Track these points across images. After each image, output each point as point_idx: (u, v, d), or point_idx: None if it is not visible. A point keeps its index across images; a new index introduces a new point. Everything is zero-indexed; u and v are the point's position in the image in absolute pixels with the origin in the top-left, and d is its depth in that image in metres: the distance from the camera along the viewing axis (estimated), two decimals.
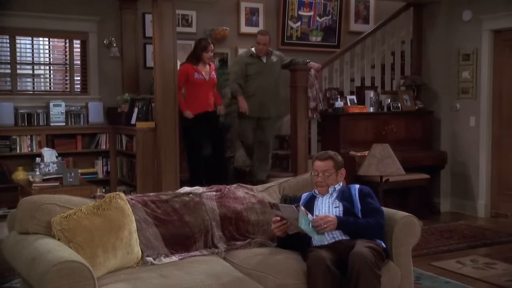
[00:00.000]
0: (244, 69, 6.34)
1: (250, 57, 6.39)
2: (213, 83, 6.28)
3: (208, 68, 6.20)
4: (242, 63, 6.39)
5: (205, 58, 6.07)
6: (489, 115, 6.81)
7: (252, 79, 6.33)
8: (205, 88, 6.14)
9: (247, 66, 6.34)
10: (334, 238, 3.29)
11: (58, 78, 7.01)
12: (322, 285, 2.96)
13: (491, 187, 6.85)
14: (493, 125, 6.81)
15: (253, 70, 6.34)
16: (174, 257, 3.28)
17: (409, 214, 3.49)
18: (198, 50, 6.10)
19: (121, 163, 6.60)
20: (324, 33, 7.92)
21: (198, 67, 6.08)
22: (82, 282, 2.53)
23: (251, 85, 6.34)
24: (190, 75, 6.06)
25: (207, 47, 6.08)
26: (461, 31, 6.98)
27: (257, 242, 3.56)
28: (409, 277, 3.44)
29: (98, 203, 3.08)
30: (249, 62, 6.36)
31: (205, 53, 6.04)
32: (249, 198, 3.73)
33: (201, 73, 6.10)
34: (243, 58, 6.46)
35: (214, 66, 6.41)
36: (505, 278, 4.52)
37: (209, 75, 6.20)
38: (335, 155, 3.54)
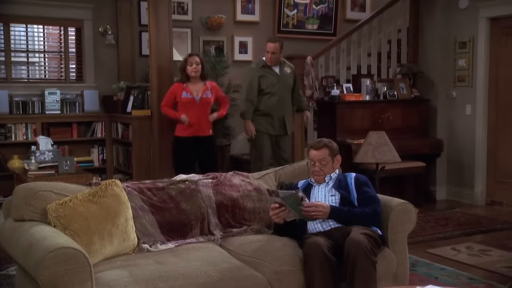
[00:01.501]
0: (257, 83, 5.64)
1: (263, 69, 5.70)
2: (207, 103, 5.49)
3: (201, 87, 5.48)
4: (255, 75, 5.66)
5: (189, 72, 5.39)
6: (485, 103, 6.81)
7: (267, 93, 5.66)
8: (195, 109, 5.41)
9: (260, 78, 5.64)
10: (330, 225, 3.30)
11: (53, 66, 6.99)
12: (319, 271, 2.97)
13: (487, 175, 6.87)
14: (489, 113, 6.82)
15: (268, 83, 5.66)
16: (170, 244, 3.29)
17: (405, 201, 3.50)
18: (182, 66, 5.48)
19: (117, 151, 6.59)
20: (320, 21, 7.90)
21: (188, 85, 5.44)
22: (78, 268, 2.53)
23: (267, 100, 5.67)
24: (178, 94, 5.44)
25: (187, 60, 5.43)
26: (458, 19, 6.97)
27: (253, 229, 3.56)
28: (404, 264, 3.46)
29: (94, 190, 3.08)
30: (262, 73, 5.67)
31: (189, 66, 5.38)
32: (245, 186, 3.73)
33: (189, 92, 5.41)
34: (254, 70, 5.74)
35: (212, 85, 5.62)
36: (500, 264, 4.55)
37: (202, 94, 5.44)
38: (329, 143, 3.54)
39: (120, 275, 2.74)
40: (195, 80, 5.45)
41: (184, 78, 5.44)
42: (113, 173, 6.59)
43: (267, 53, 5.69)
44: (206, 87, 5.50)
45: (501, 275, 4.26)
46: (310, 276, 2.99)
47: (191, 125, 5.40)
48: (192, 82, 5.44)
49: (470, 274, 4.31)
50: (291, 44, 7.31)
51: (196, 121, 5.42)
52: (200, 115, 5.45)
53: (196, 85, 5.47)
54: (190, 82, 5.45)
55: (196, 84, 5.47)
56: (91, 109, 6.66)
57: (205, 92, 5.46)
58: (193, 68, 5.38)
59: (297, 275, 3.04)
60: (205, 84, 5.52)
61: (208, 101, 5.49)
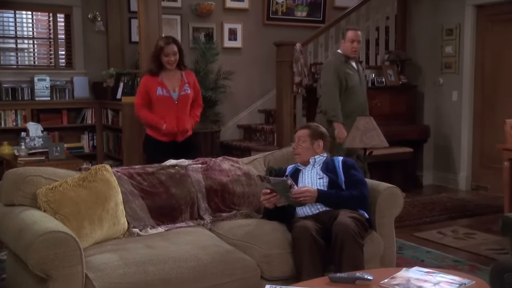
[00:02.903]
0: (345, 80, 5.04)
1: (345, 64, 5.11)
2: (186, 100, 4.54)
3: (178, 80, 4.51)
4: (341, 72, 5.04)
5: (164, 63, 4.42)
6: (471, 89, 6.84)
7: (352, 93, 5.12)
8: (173, 109, 4.47)
9: (346, 75, 5.06)
10: (318, 209, 3.31)
11: (42, 53, 6.92)
12: (308, 254, 2.98)
13: (472, 161, 6.92)
14: (475, 100, 6.85)
15: (353, 81, 5.10)
16: (160, 228, 3.28)
17: (392, 186, 3.52)
18: (154, 52, 4.48)
19: (107, 137, 6.57)
20: (309, 8, 7.86)
21: (162, 79, 4.47)
22: (68, 252, 2.52)
23: (349, 99, 5.11)
24: (151, 90, 4.44)
25: (163, 48, 4.39)
26: (445, 6, 6.97)
27: (242, 213, 3.57)
28: (391, 247, 3.48)
29: (84, 175, 3.06)
30: (347, 70, 5.09)
31: (164, 57, 4.40)
32: (235, 171, 3.72)
33: (165, 88, 4.44)
34: (339, 65, 5.07)
35: (191, 77, 4.64)
36: (484, 247, 4.60)
37: (180, 90, 4.49)
38: (315, 126, 3.57)
39: (110, 259, 2.73)
40: (171, 71, 4.50)
41: (157, 68, 4.46)
42: (103, 159, 6.57)
43: (350, 43, 5.09)
44: (183, 80, 4.54)
45: (485, 257, 4.31)
46: (299, 259, 3.00)
47: (169, 133, 4.52)
48: (166, 73, 4.48)
49: (455, 257, 4.36)
50: (281, 31, 7.30)
51: (175, 125, 4.49)
52: (179, 117, 4.52)
53: (172, 77, 4.51)
54: (164, 73, 4.48)
55: (172, 77, 4.51)
56: (81, 96, 6.62)
57: (183, 87, 4.52)
58: (169, 60, 4.42)
59: (286, 258, 3.05)
60: (181, 76, 4.56)
61: (187, 97, 4.56)
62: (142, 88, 4.54)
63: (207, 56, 6.72)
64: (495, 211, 5.53)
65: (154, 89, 4.45)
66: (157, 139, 4.55)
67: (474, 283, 2.49)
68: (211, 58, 6.75)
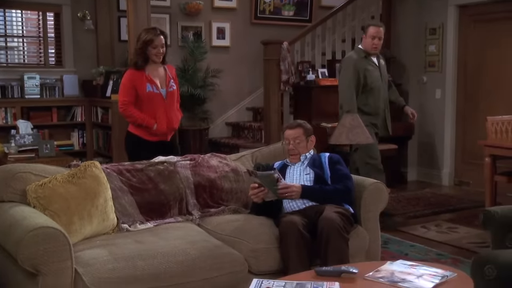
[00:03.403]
0: (363, 76, 4.89)
1: (365, 60, 4.94)
2: (173, 97, 4.27)
3: (163, 75, 4.23)
4: (360, 68, 4.87)
5: (152, 56, 4.12)
6: (454, 87, 6.88)
7: (372, 88, 4.94)
8: (162, 107, 4.19)
9: (366, 72, 4.89)
10: (304, 204, 3.32)
11: (32, 51, 6.86)
12: (295, 248, 2.99)
13: (455, 157, 6.97)
14: (458, 97, 6.89)
15: (372, 77, 4.93)
16: (149, 224, 3.27)
17: (377, 181, 3.54)
18: (140, 44, 4.13)
19: (97, 135, 6.54)
20: (296, 8, 7.86)
21: (149, 74, 4.15)
22: (57, 247, 2.50)
23: (370, 96, 4.94)
24: (139, 86, 4.11)
25: (153, 40, 4.10)
26: (429, 6, 7.00)
27: (230, 209, 3.57)
28: (376, 241, 3.49)
29: (73, 172, 3.04)
30: (366, 66, 4.92)
31: (152, 48, 4.11)
32: (223, 167, 3.72)
33: (154, 84, 4.14)
34: (358, 61, 4.90)
35: (173, 71, 4.39)
36: (466, 240, 4.64)
37: (167, 86, 4.22)
38: (304, 123, 3.56)
39: (99, 254, 2.72)
40: (156, 66, 4.20)
41: (141, 61, 4.14)
42: (93, 156, 6.53)
43: (371, 39, 4.90)
44: (168, 75, 4.25)
45: (467, 250, 4.35)
46: (286, 253, 3.01)
47: (159, 133, 4.22)
48: (152, 67, 4.18)
49: (438, 250, 4.39)
50: (268, 30, 7.29)
51: (165, 124, 4.21)
52: (169, 115, 4.24)
53: (158, 72, 4.22)
54: (150, 68, 4.18)
55: (157, 72, 4.21)
56: (70, 94, 6.58)
57: (169, 83, 4.25)
58: (157, 52, 4.13)
59: (273, 253, 3.05)
60: (165, 71, 4.26)
61: (174, 94, 4.29)
62: (129, 84, 4.13)
63: (196, 54, 6.71)
64: (477, 206, 5.58)
65: (143, 85, 4.11)
66: (143, 138, 4.21)
67: (456, 275, 2.52)
68: (200, 56, 6.73)
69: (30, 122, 5.79)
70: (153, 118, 4.16)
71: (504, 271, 2.75)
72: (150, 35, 4.11)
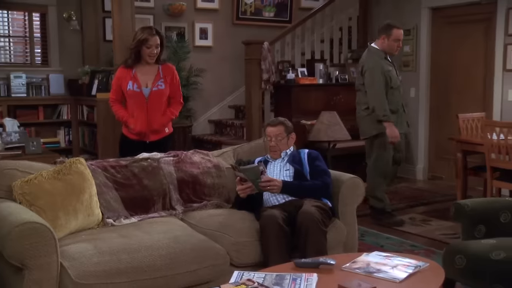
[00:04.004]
0: (389, 78, 4.76)
1: (386, 61, 4.84)
2: (159, 96, 4.01)
3: (153, 74, 4.02)
4: (385, 69, 4.75)
5: (145, 56, 3.94)
6: (427, 86, 6.94)
7: (394, 88, 4.83)
8: (142, 107, 3.98)
9: (389, 73, 4.78)
10: (284, 198, 3.33)
11: (18, 51, 6.78)
12: (275, 241, 3.00)
13: (428, 153, 7.04)
14: (431, 96, 6.96)
15: (393, 77, 4.82)
16: (133, 219, 3.25)
17: (355, 176, 3.55)
18: (135, 44, 3.96)
19: (83, 132, 6.49)
20: (276, 9, 7.87)
21: (136, 72, 3.98)
22: (43, 242, 2.48)
23: (393, 96, 4.82)
24: (123, 84, 3.99)
25: (148, 40, 3.90)
26: (403, 8, 7.06)
27: (213, 203, 3.56)
28: (354, 234, 3.51)
29: (59, 168, 3.01)
30: (388, 68, 4.80)
31: (146, 48, 3.92)
32: (205, 163, 3.71)
33: (137, 83, 3.95)
34: (382, 63, 4.78)
35: (168, 70, 4.11)
36: (438, 232, 4.69)
37: (152, 86, 3.99)
38: (285, 121, 3.57)
39: (85, 248, 2.70)
40: (148, 64, 4.03)
41: (133, 61, 3.99)
42: (79, 153, 6.47)
43: (395, 41, 4.80)
44: (159, 74, 4.02)
45: (440, 241, 4.40)
46: (266, 246, 3.02)
47: (136, 132, 4.05)
48: (143, 66, 4.02)
49: (412, 242, 4.44)
50: (249, 30, 7.29)
51: (144, 124, 4.01)
52: (149, 115, 4.00)
53: (148, 71, 4.02)
54: (140, 66, 4.01)
55: (147, 70, 4.02)
56: (56, 92, 6.53)
57: (157, 82, 4.00)
58: (151, 52, 3.95)
59: (254, 246, 3.06)
60: (158, 70, 4.04)
61: (160, 94, 4.01)
62: (115, 82, 4.08)
63: (179, 54, 6.68)
64: (449, 199, 5.64)
65: (126, 83, 3.98)
66: (129, 138, 4.11)
67: (428, 265, 2.54)
68: (183, 56, 6.71)
69: (16, 120, 5.71)
70: (133, 116, 4.04)
71: (473, 260, 2.79)
72: (145, 34, 3.93)
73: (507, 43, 6.00)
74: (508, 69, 6.02)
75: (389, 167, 4.95)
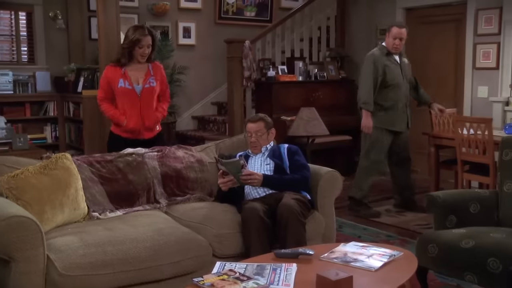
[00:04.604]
0: (382, 73, 4.77)
1: (387, 57, 4.83)
2: (150, 93, 3.90)
3: (143, 72, 3.89)
4: (380, 64, 4.77)
5: (137, 56, 3.82)
6: None
7: (392, 85, 4.82)
8: (135, 104, 3.85)
9: (385, 68, 4.79)
10: (265, 191, 3.33)
11: (5, 49, 6.67)
12: (256, 233, 3.00)
13: None
14: None
15: (392, 73, 4.81)
16: (118, 212, 3.23)
17: (333, 170, 3.56)
18: (127, 43, 3.81)
19: (69, 128, 6.43)
20: (257, 9, 7.86)
21: (127, 70, 3.85)
22: (30, 235, 2.45)
23: (389, 92, 4.83)
24: (113, 82, 3.83)
25: (140, 40, 3.77)
26: (379, 9, 7.09)
27: (196, 197, 3.55)
28: (332, 225, 3.53)
29: (45, 163, 2.98)
30: (386, 63, 4.80)
31: (138, 48, 3.79)
32: (188, 158, 3.69)
33: (128, 80, 3.81)
34: (379, 57, 4.80)
35: (157, 68, 3.99)
36: (412, 223, 4.74)
37: (144, 83, 3.86)
38: (265, 117, 3.57)
39: (71, 241, 2.67)
40: (139, 63, 3.90)
41: (125, 60, 3.85)
42: (65, 149, 6.41)
43: (393, 39, 4.81)
44: (149, 72, 3.91)
45: (413, 231, 4.45)
46: (247, 237, 3.02)
47: (132, 130, 3.91)
48: (133, 64, 3.89)
49: (388, 232, 4.48)
50: (231, 29, 7.27)
51: (138, 121, 3.88)
52: (143, 112, 3.88)
53: (138, 69, 3.89)
54: (131, 64, 3.88)
55: (138, 68, 3.89)
56: (43, 90, 6.45)
57: (147, 79, 3.89)
58: (143, 52, 3.82)
59: (236, 237, 3.06)
60: (148, 68, 3.92)
61: (152, 91, 3.90)
62: (104, 80, 3.91)
63: (163, 52, 6.63)
64: (423, 191, 5.67)
65: (116, 81, 3.82)
66: (121, 136, 3.91)
67: (403, 254, 2.57)
68: (167, 54, 6.66)
69: (3, 117, 5.64)
70: (125, 114, 3.86)
71: (444, 249, 2.83)
72: (137, 34, 3.77)
73: (476, 42, 6.08)
74: (477, 67, 6.09)
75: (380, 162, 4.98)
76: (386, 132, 4.92)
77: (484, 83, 6.05)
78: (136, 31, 3.80)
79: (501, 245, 2.68)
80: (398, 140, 5.02)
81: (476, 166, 4.74)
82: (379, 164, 5.01)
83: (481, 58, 6.05)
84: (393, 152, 5.05)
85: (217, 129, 6.96)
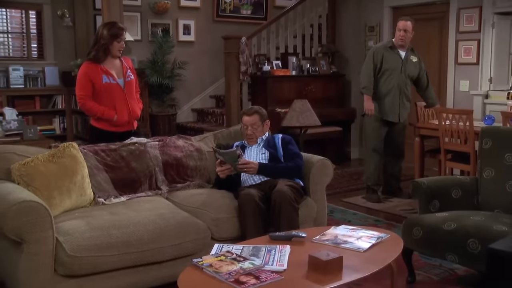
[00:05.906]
0: (380, 60, 4.79)
1: (388, 49, 4.83)
2: (132, 86, 3.78)
3: (119, 66, 3.73)
4: (378, 54, 4.80)
5: (115, 50, 3.65)
6: None
7: (387, 75, 4.80)
8: (122, 98, 3.68)
9: (384, 56, 4.79)
10: (260, 178, 3.33)
11: (16, 45, 6.64)
12: (251, 217, 3.00)
13: None
14: None
15: (390, 64, 4.78)
16: (122, 198, 3.23)
17: (324, 158, 3.56)
18: (105, 39, 3.62)
19: (76, 120, 6.42)
20: (253, 7, 7.81)
21: (105, 66, 3.66)
22: (39, 219, 2.45)
23: (385, 82, 4.81)
24: (95, 79, 3.61)
25: (119, 35, 3.63)
26: (367, 7, 7.06)
27: (195, 184, 3.55)
28: (323, 210, 3.54)
29: (53, 152, 2.97)
30: (386, 54, 4.80)
31: (117, 42, 3.63)
32: (188, 147, 3.69)
33: (111, 75, 3.64)
34: (379, 49, 4.86)
35: (129, 62, 3.87)
36: (398, 208, 4.75)
37: (125, 76, 3.72)
38: (259, 109, 3.55)
39: (78, 224, 2.67)
40: (112, 58, 3.71)
41: (102, 55, 3.63)
42: (73, 139, 6.39)
43: (398, 32, 4.77)
44: (124, 66, 3.75)
45: (400, 216, 4.45)
46: (244, 221, 3.02)
47: (121, 123, 3.72)
48: (108, 60, 3.69)
49: (376, 217, 4.48)
50: (228, 26, 7.23)
51: (127, 113, 3.71)
52: (130, 104, 3.73)
53: (114, 64, 3.72)
54: (106, 60, 3.67)
55: (113, 64, 3.71)
56: (52, 84, 6.44)
57: (126, 73, 3.74)
58: (121, 46, 3.67)
59: (232, 221, 3.06)
60: (121, 62, 3.77)
61: (132, 83, 3.78)
62: (84, 77, 3.63)
63: (164, 48, 6.63)
64: (408, 179, 5.68)
65: (99, 78, 3.60)
66: (107, 130, 3.69)
67: (389, 236, 2.58)
68: (168, 50, 6.65)
69: (15, 109, 5.61)
70: (112, 109, 3.66)
71: (428, 231, 2.84)
72: (115, 29, 3.64)
73: (458, 39, 6.06)
74: (459, 63, 6.09)
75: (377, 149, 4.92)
76: (380, 121, 4.88)
77: (466, 78, 6.05)
78: (113, 27, 3.66)
79: (480, 227, 2.69)
80: (392, 132, 4.98)
81: (458, 154, 4.74)
82: (377, 150, 4.94)
83: (463, 54, 6.04)
84: (387, 142, 5.01)
85: (215, 121, 6.94)
